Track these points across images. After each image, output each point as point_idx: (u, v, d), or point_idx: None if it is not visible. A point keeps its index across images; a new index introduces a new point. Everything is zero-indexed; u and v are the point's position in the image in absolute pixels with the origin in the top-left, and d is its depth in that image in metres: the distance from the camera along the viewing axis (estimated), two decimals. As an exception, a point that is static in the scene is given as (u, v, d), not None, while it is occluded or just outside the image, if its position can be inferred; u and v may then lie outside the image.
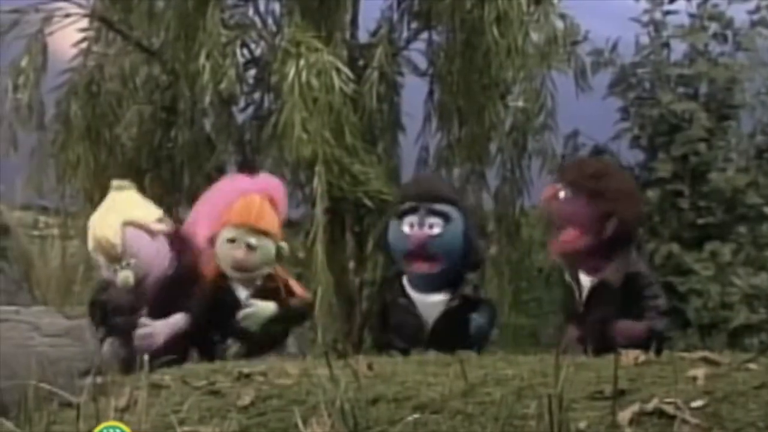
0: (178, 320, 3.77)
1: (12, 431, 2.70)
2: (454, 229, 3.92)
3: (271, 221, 3.93)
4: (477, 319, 3.87)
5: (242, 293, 3.91)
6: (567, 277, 3.94)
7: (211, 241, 3.89)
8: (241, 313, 3.85)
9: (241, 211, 3.89)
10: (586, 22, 5.94)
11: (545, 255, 5.36)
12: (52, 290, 5.96)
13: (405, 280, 3.94)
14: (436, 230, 3.89)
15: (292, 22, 5.47)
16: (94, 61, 5.81)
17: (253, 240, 3.85)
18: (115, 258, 3.76)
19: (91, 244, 3.83)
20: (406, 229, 3.89)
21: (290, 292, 3.95)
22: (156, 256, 3.80)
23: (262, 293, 3.89)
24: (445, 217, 3.91)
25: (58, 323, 3.27)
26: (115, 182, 3.94)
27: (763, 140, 5.81)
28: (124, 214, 3.83)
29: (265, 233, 3.88)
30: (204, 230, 3.90)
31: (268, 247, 3.89)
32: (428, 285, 3.89)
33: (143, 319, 3.75)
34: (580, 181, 3.85)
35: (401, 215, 3.91)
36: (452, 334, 3.73)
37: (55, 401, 2.86)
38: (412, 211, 3.90)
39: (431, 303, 3.88)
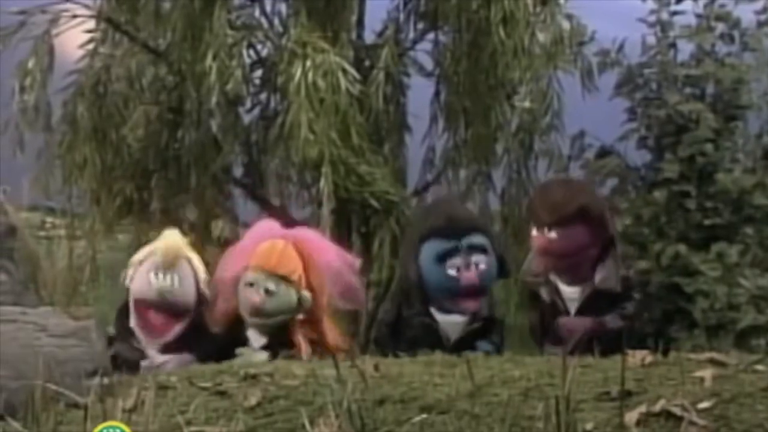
0: (184, 359, 3.77)
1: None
2: (492, 257, 3.93)
3: (293, 268, 3.83)
4: (484, 346, 3.87)
5: (257, 341, 3.85)
6: (546, 297, 3.93)
7: (234, 283, 3.85)
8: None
9: (262, 255, 3.83)
10: (593, 23, 5.94)
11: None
12: (59, 291, 5.96)
13: (428, 301, 3.92)
14: (483, 267, 3.88)
15: (299, 23, 5.47)
16: (101, 62, 5.81)
17: (271, 285, 3.78)
18: (172, 264, 3.78)
19: (156, 246, 3.87)
20: (451, 272, 3.86)
21: (317, 343, 3.87)
22: (190, 296, 3.84)
23: (278, 345, 3.82)
24: (485, 250, 3.90)
25: (65, 324, 3.27)
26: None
27: (770, 141, 5.80)
28: (189, 251, 3.91)
29: (285, 279, 3.81)
30: (229, 273, 3.88)
31: (288, 293, 3.80)
32: (459, 312, 3.90)
33: (150, 351, 3.77)
34: (558, 211, 3.84)
35: (441, 258, 3.86)
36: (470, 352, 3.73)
37: (62, 402, 2.87)
38: (454, 252, 3.86)
39: (454, 322, 3.88)
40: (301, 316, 3.83)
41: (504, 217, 5.85)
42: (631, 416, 2.60)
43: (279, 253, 3.81)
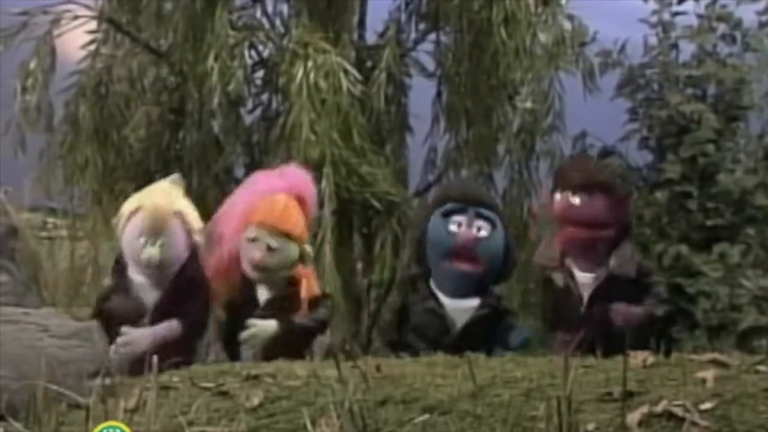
0: (164, 328, 3.73)
1: (21, 432, 2.71)
2: (498, 236, 3.94)
3: (295, 223, 3.86)
4: (522, 331, 3.88)
5: (263, 294, 3.87)
6: (560, 282, 3.94)
7: (236, 239, 3.85)
8: (242, 334, 3.80)
9: (265, 211, 3.84)
10: (594, 23, 5.94)
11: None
12: (61, 292, 5.97)
13: (433, 284, 3.92)
14: (484, 233, 3.90)
15: (300, 24, 5.47)
16: (103, 62, 5.81)
17: (273, 241, 3.80)
18: (159, 229, 3.74)
19: (143, 201, 3.81)
20: (453, 227, 3.89)
21: (312, 299, 3.90)
22: (179, 255, 3.80)
23: (281, 299, 3.84)
24: (492, 223, 3.92)
25: (67, 325, 3.27)
26: (174, 177, 3.95)
27: (771, 142, 5.80)
28: (180, 204, 3.84)
29: (287, 235, 3.83)
30: (228, 229, 3.87)
31: (290, 249, 3.83)
32: (460, 289, 3.88)
33: (124, 328, 3.72)
34: (590, 178, 3.88)
35: (447, 214, 3.91)
36: (478, 341, 3.73)
37: (64, 402, 2.87)
38: (461, 211, 3.90)
39: (461, 309, 3.88)
40: (302, 269, 3.86)
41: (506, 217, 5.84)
42: (633, 417, 2.60)
43: (281, 210, 3.83)
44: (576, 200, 3.89)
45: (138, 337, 3.69)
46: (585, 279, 3.91)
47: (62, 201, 6.06)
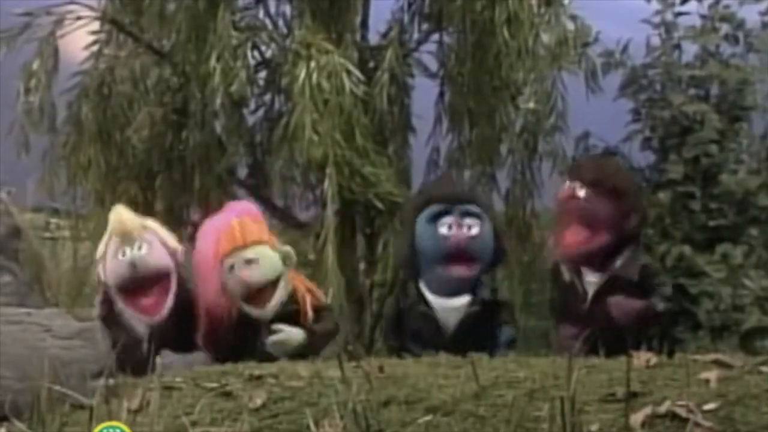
0: (197, 358, 3.74)
1: (24, 433, 2.71)
2: (487, 228, 3.89)
3: (257, 231, 3.88)
4: (507, 330, 3.86)
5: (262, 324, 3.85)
6: (567, 276, 3.94)
7: (220, 283, 3.84)
8: (269, 340, 3.79)
9: (227, 240, 3.85)
10: (597, 24, 5.93)
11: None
12: (64, 292, 5.97)
13: (423, 285, 3.90)
14: (475, 231, 3.84)
15: (303, 24, 5.47)
16: (105, 63, 5.82)
17: (249, 254, 3.81)
18: (131, 238, 3.76)
19: (110, 229, 3.85)
20: (443, 230, 3.83)
21: (315, 309, 3.89)
22: (164, 259, 3.81)
23: (283, 317, 3.83)
24: (480, 218, 3.87)
25: (70, 325, 3.28)
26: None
27: (774, 142, 5.79)
28: (147, 222, 3.90)
29: (257, 243, 3.84)
30: (211, 281, 3.86)
31: (267, 254, 3.84)
32: (451, 288, 3.85)
33: (165, 352, 3.70)
34: (601, 180, 3.88)
35: (434, 218, 3.85)
36: (473, 339, 3.72)
37: (67, 403, 2.87)
38: (446, 212, 3.85)
39: (451, 307, 3.85)
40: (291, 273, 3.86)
41: (508, 218, 5.84)
42: (637, 418, 2.60)
43: (239, 228, 3.85)
44: (581, 193, 3.88)
45: (177, 362, 3.69)
46: (591, 277, 3.91)
47: (65, 201, 6.07)
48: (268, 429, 2.74)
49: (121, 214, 3.89)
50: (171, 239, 3.91)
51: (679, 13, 5.85)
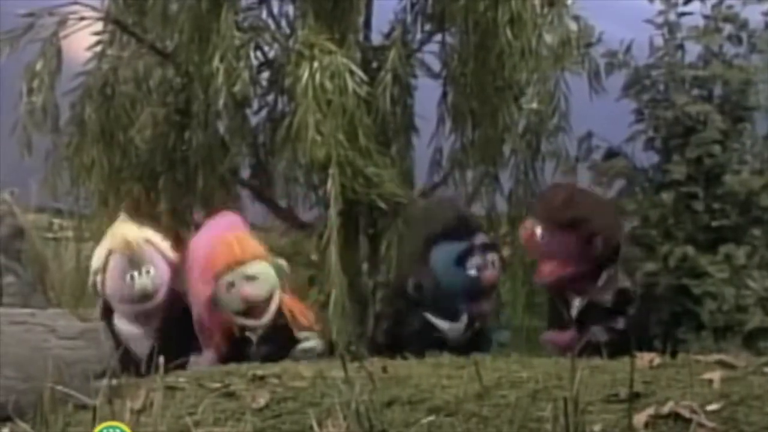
0: (211, 359, 3.76)
1: (28, 433, 2.72)
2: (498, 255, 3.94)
3: (254, 246, 3.89)
4: (501, 335, 3.88)
5: (254, 336, 3.86)
6: (554, 298, 3.96)
7: (212, 298, 3.84)
8: (300, 347, 3.80)
9: (224, 254, 3.85)
10: (600, 24, 5.93)
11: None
12: (67, 293, 5.97)
13: (429, 313, 3.91)
14: (498, 264, 3.90)
15: (306, 25, 5.47)
16: (108, 64, 5.81)
17: (248, 270, 3.82)
18: (137, 261, 3.78)
19: (112, 244, 3.85)
20: (473, 272, 3.86)
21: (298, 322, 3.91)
22: (166, 275, 3.83)
23: (272, 331, 3.84)
24: (495, 247, 3.93)
25: (73, 326, 3.28)
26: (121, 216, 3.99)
27: (777, 142, 5.79)
28: (146, 232, 3.90)
29: (256, 258, 3.84)
30: (204, 293, 3.86)
31: (266, 269, 3.85)
32: (463, 315, 3.89)
33: (193, 357, 3.73)
34: (552, 214, 3.87)
35: (461, 259, 3.86)
36: (472, 346, 3.73)
37: (70, 403, 2.88)
38: (470, 252, 3.86)
39: (456, 328, 3.88)
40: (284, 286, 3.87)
41: (511, 218, 5.84)
42: (640, 418, 2.60)
43: (236, 243, 3.85)
44: (537, 230, 3.89)
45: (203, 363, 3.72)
46: (576, 301, 3.92)
47: (68, 202, 6.06)
48: (271, 429, 2.74)
49: (125, 231, 3.89)
50: (169, 250, 3.93)
51: (682, 14, 5.85)
